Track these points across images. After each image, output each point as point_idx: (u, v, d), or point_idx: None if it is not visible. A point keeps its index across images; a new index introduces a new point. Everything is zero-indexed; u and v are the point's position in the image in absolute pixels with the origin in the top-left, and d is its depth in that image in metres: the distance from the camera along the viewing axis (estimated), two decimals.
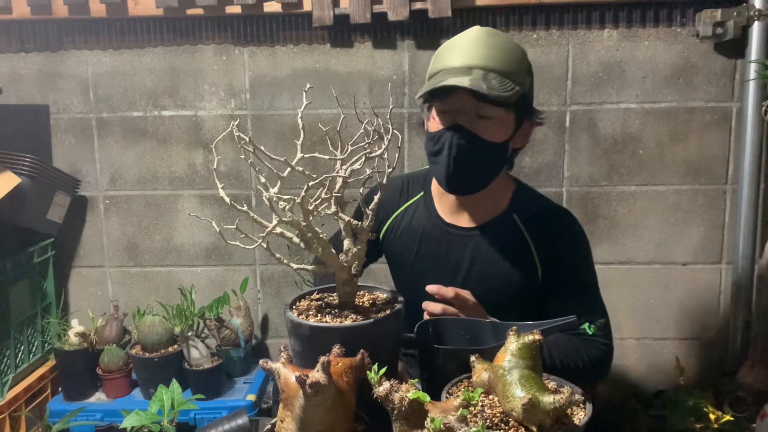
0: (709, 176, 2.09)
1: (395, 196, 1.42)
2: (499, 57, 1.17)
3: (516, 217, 1.31)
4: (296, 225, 0.95)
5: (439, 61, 1.23)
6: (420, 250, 1.36)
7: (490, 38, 1.19)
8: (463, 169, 1.21)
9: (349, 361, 0.90)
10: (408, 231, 1.38)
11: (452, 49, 1.21)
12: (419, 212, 1.39)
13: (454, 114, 1.20)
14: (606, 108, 2.07)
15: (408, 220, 1.39)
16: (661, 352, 2.19)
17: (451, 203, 1.34)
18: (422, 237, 1.36)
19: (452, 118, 1.21)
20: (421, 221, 1.37)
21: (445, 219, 1.35)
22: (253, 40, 2.11)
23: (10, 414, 1.90)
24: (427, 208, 1.38)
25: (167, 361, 1.90)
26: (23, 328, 2.02)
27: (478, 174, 1.25)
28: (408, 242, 1.38)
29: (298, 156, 0.98)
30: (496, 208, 1.33)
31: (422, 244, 1.36)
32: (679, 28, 2.02)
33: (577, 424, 0.84)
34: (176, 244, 2.24)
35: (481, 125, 1.20)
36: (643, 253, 2.13)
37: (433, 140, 1.24)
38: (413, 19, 2.02)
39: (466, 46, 1.19)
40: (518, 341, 0.89)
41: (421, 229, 1.37)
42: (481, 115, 1.19)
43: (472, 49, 1.18)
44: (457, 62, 1.18)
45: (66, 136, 2.20)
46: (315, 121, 1.49)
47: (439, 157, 1.22)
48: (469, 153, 1.20)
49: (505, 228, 1.31)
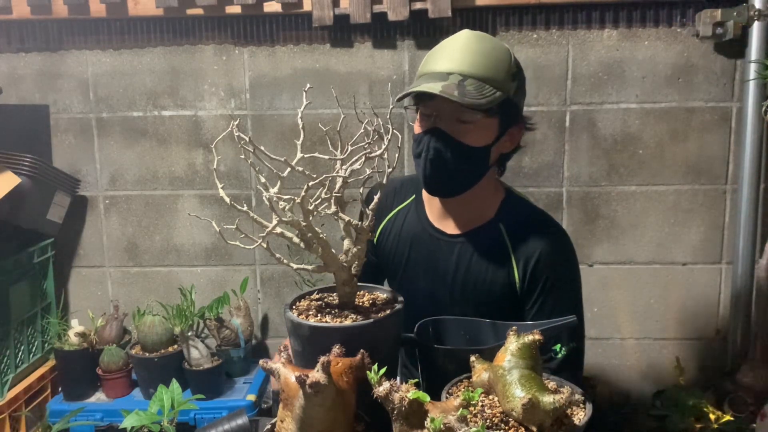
0: (709, 176, 2.08)
1: (389, 198, 1.43)
2: (480, 62, 1.17)
3: (502, 226, 1.30)
4: (296, 225, 0.95)
5: (425, 64, 1.24)
6: (411, 254, 1.37)
7: (475, 43, 1.19)
8: (440, 171, 1.22)
9: (349, 361, 0.90)
10: (400, 235, 1.39)
11: (438, 53, 1.23)
12: (410, 216, 1.39)
13: (436, 117, 1.21)
14: (606, 108, 2.07)
15: (400, 224, 1.40)
16: (661, 352, 2.19)
17: (439, 208, 1.34)
18: (413, 241, 1.36)
19: (433, 122, 1.22)
20: (412, 225, 1.38)
21: (434, 224, 1.35)
22: (253, 40, 2.11)
23: (10, 414, 1.90)
24: (418, 212, 1.38)
25: (167, 361, 1.90)
26: (23, 328, 2.02)
27: (456, 177, 1.25)
28: (400, 246, 1.38)
29: (298, 156, 0.98)
30: (483, 216, 1.32)
31: (413, 249, 1.36)
32: (679, 28, 2.02)
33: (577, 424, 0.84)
34: (176, 244, 2.24)
35: (462, 129, 1.20)
36: (643, 253, 2.13)
37: (416, 142, 1.25)
38: (413, 19, 2.02)
39: (451, 50, 1.20)
40: (518, 341, 0.89)
41: (412, 233, 1.37)
42: (461, 119, 1.19)
43: (455, 54, 1.19)
44: (438, 67, 1.19)
45: (66, 136, 2.20)
46: (315, 121, 1.49)
47: (419, 159, 1.24)
48: (446, 156, 1.20)
49: (488, 237, 1.30)
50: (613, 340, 2.19)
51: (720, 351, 2.16)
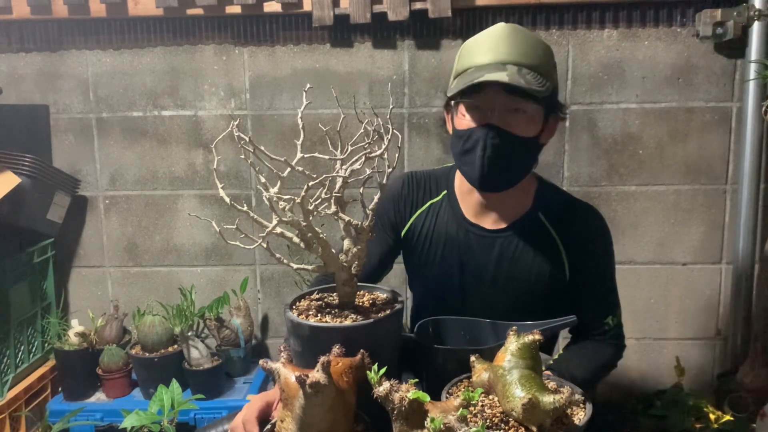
0: (709, 176, 2.08)
1: (419, 192, 1.39)
2: (529, 52, 1.17)
3: (541, 215, 1.30)
4: (296, 225, 0.95)
5: (466, 59, 1.21)
6: (444, 252, 1.34)
7: (518, 34, 1.19)
8: (498, 168, 1.20)
9: (349, 361, 0.90)
10: (432, 231, 1.35)
11: (480, 45, 1.20)
12: (443, 212, 1.36)
13: (486, 110, 1.19)
14: (606, 108, 2.07)
15: (432, 219, 1.36)
16: (661, 352, 2.19)
17: (476, 204, 1.32)
18: (447, 238, 1.34)
19: (484, 115, 1.19)
20: (445, 221, 1.35)
21: (471, 220, 1.33)
22: (253, 40, 2.11)
23: (10, 414, 1.90)
24: (452, 208, 1.35)
25: (167, 361, 1.90)
26: (23, 328, 2.02)
27: (512, 171, 1.24)
28: (433, 243, 1.35)
29: (298, 156, 0.98)
30: (521, 208, 1.31)
31: (447, 246, 1.33)
32: (679, 28, 2.02)
33: (577, 424, 0.84)
34: (176, 244, 2.24)
35: (513, 120, 1.19)
36: (643, 253, 2.13)
37: (464, 138, 1.21)
38: (413, 19, 2.02)
39: (496, 42, 1.18)
40: (518, 341, 0.89)
41: (446, 229, 1.34)
42: (512, 109, 1.18)
43: (502, 46, 1.17)
44: (487, 59, 1.17)
45: (66, 136, 2.20)
46: (315, 121, 1.49)
47: (471, 156, 1.20)
48: (504, 151, 1.19)
49: (531, 227, 1.30)
50: None
51: (720, 351, 2.17)
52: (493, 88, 1.15)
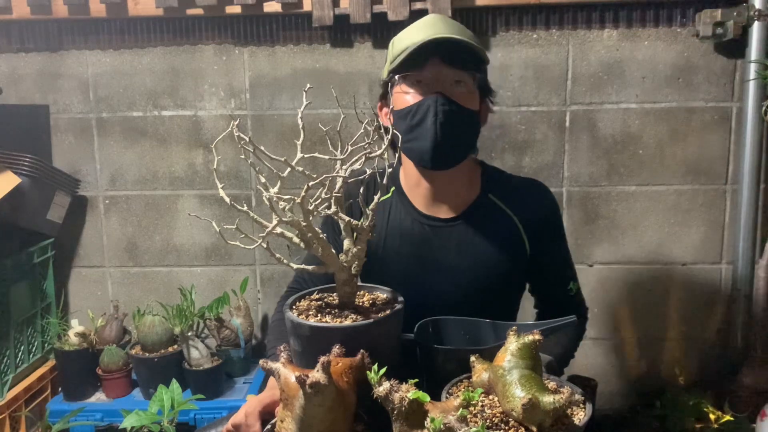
0: (709, 176, 2.09)
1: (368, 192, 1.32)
2: (464, 32, 1.22)
3: (492, 197, 1.30)
4: (296, 225, 0.95)
5: (403, 42, 1.23)
6: (401, 249, 1.31)
7: (449, 19, 1.26)
8: (450, 137, 1.19)
9: (349, 361, 0.90)
10: (386, 229, 1.33)
11: (415, 28, 1.23)
12: (395, 208, 1.33)
13: (430, 83, 1.19)
14: (606, 108, 2.07)
15: (385, 217, 1.33)
16: (661, 352, 2.19)
17: (425, 195, 1.30)
18: (402, 234, 1.31)
19: (428, 87, 1.19)
20: (398, 218, 1.32)
21: (424, 212, 1.31)
22: (253, 40, 2.11)
23: (10, 414, 1.90)
24: (403, 204, 1.33)
25: (167, 361, 1.90)
26: (23, 328, 2.02)
27: (462, 145, 1.24)
28: (388, 241, 1.32)
29: (298, 156, 0.98)
30: (471, 193, 1.31)
31: (403, 242, 1.31)
32: (679, 28, 2.02)
33: (577, 424, 0.84)
34: (176, 244, 2.24)
35: (458, 93, 1.20)
36: (643, 253, 2.13)
37: (411, 113, 1.19)
38: (413, 19, 2.00)
39: (431, 23, 1.22)
40: (518, 341, 0.89)
41: (399, 224, 1.32)
42: (454, 81, 1.20)
43: (439, 26, 1.21)
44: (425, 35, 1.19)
45: (66, 136, 2.20)
46: (315, 121, 1.49)
47: (422, 127, 1.19)
48: (455, 119, 1.18)
49: (485, 210, 1.30)
50: (613, 340, 2.19)
51: (720, 351, 2.16)
52: (435, 62, 1.18)
